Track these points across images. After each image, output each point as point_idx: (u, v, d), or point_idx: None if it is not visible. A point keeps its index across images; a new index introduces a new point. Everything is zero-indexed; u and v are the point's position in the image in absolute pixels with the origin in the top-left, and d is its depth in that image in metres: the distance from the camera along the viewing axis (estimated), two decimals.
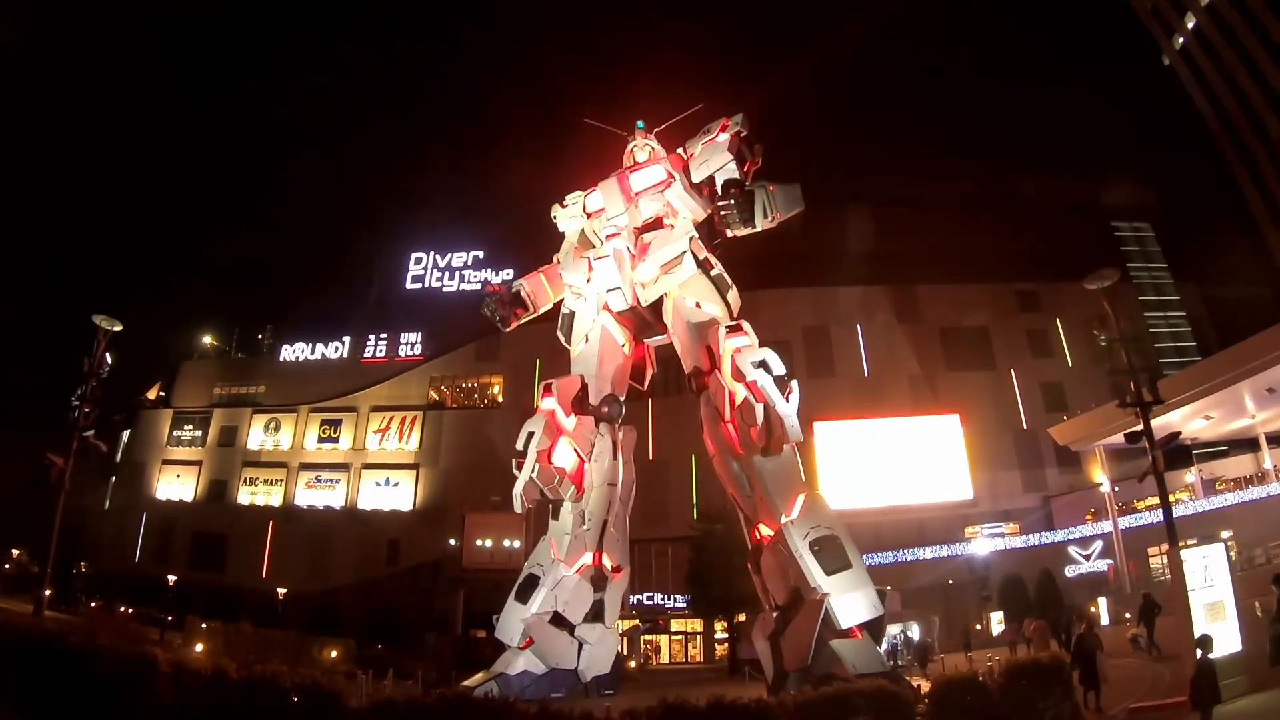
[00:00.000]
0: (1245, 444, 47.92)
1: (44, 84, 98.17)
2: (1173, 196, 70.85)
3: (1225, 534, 35.17)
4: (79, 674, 10.52)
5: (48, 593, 23.88)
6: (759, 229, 19.65)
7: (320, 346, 70.41)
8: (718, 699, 8.46)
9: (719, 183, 20.05)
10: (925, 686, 9.55)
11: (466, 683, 17.54)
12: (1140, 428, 15.76)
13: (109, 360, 20.12)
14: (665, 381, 31.70)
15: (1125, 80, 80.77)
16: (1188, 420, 42.57)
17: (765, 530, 17.57)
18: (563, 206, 22.70)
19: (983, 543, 49.57)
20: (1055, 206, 65.61)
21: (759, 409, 15.69)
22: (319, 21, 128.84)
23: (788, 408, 15.77)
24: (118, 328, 20.37)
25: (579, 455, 18.93)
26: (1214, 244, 65.98)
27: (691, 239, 19.82)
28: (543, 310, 23.05)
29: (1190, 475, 46.78)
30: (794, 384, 16.04)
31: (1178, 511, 43.03)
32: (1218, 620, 12.26)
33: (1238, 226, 68.62)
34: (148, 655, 10.90)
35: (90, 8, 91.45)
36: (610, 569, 20.06)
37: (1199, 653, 10.19)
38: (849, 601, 15.35)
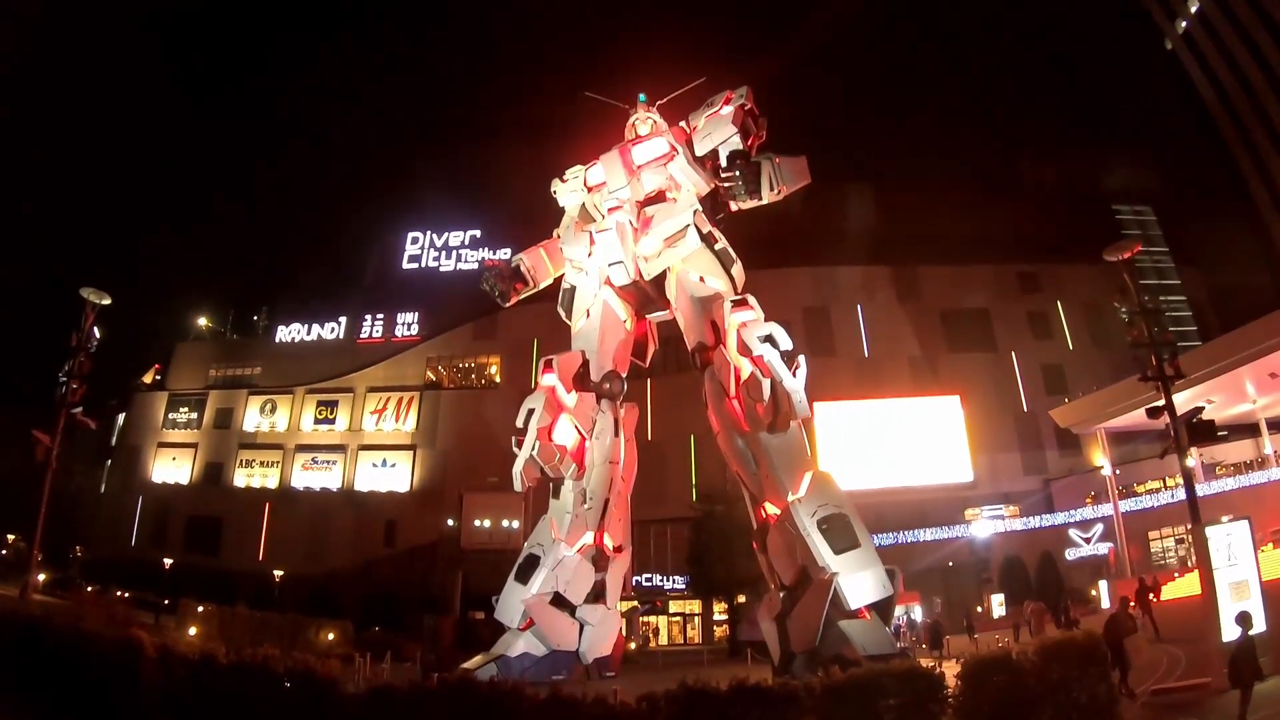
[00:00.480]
0: (1245, 429, 47.71)
1: (40, 76, 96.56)
2: (1174, 180, 70.38)
3: (1225, 518, 35.01)
4: (62, 659, 10.10)
5: (42, 577, 23.45)
6: (765, 201, 19.23)
7: (316, 327, 69.70)
8: (740, 682, 8.05)
9: (723, 155, 19.61)
10: (954, 668, 9.12)
11: (466, 665, 17.20)
12: (1161, 403, 15.35)
13: (97, 334, 19.60)
14: (664, 361, 31.22)
15: (1127, 64, 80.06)
16: (1188, 404, 42.27)
17: (771, 508, 17.20)
18: (563, 181, 22.19)
19: (983, 525, 49.42)
20: (1057, 189, 65.10)
21: (766, 384, 15.35)
22: (314, 8, 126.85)
23: (795, 383, 15.44)
24: (106, 301, 19.86)
25: (580, 432, 18.57)
26: (1216, 228, 65.63)
27: (695, 212, 19.38)
28: (542, 285, 22.62)
29: (1190, 459, 46.51)
30: (801, 359, 15.72)
31: (1177, 496, 43.21)
32: (1241, 599, 11.91)
33: (1240, 211, 68.19)
34: (133, 640, 10.43)
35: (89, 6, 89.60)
36: (611, 548, 19.75)
37: (1239, 630, 9.82)
38: (858, 581, 15.03)
